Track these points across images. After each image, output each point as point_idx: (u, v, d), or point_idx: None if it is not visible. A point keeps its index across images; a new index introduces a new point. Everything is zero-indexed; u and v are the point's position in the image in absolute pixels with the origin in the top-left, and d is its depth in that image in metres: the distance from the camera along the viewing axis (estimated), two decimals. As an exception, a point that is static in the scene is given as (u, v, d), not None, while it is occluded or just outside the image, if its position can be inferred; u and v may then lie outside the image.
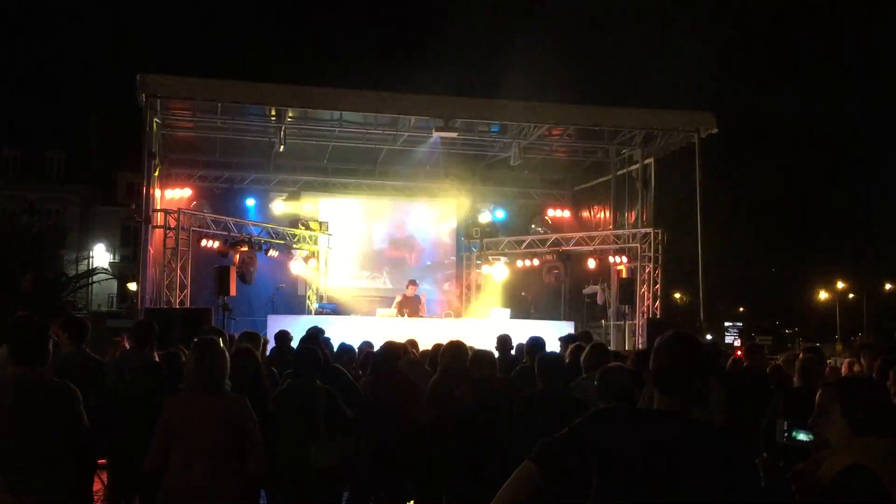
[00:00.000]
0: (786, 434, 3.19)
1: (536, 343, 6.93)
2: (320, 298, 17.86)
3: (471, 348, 6.41)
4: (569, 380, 5.62)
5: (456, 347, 6.32)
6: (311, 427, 5.35)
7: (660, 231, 16.69)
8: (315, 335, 7.91)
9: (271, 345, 8.42)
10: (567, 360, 6.31)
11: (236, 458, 4.17)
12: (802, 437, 3.15)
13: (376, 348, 7.21)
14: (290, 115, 15.77)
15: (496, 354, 6.69)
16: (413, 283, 16.12)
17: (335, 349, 8.19)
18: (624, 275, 17.52)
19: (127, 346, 7.93)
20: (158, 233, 15.32)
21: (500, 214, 19.85)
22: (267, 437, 4.45)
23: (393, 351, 6.43)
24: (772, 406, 5.62)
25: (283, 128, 15.95)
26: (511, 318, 15.59)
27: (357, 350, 8.33)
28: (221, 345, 4.38)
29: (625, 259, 17.64)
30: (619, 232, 17.94)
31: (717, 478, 2.37)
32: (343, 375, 6.50)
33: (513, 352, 7.92)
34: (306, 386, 5.49)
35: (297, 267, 17.71)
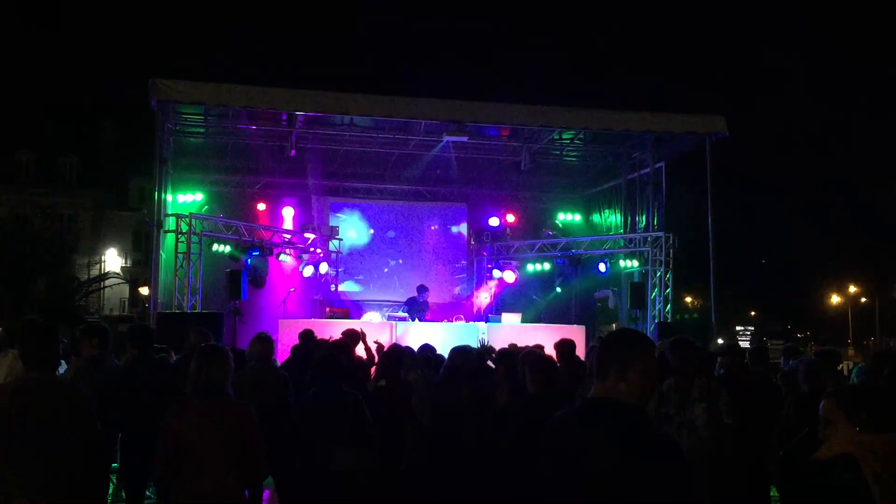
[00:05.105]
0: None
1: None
2: (331, 303, 17.89)
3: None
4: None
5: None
6: (338, 431, 5.29)
7: (671, 235, 16.65)
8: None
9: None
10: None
11: (241, 464, 4.23)
12: None
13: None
14: (300, 119, 15.79)
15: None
16: (424, 287, 16.18)
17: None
18: (635, 279, 17.49)
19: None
20: (170, 237, 15.39)
21: (511, 218, 19.84)
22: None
23: None
24: (785, 413, 5.60)
25: (294, 132, 15.98)
26: (522, 322, 15.56)
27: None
28: (227, 351, 4.49)
29: (636, 263, 17.59)
30: (631, 236, 17.90)
31: (601, 454, 2.48)
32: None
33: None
34: (334, 391, 5.42)
35: (307, 271, 17.76)
